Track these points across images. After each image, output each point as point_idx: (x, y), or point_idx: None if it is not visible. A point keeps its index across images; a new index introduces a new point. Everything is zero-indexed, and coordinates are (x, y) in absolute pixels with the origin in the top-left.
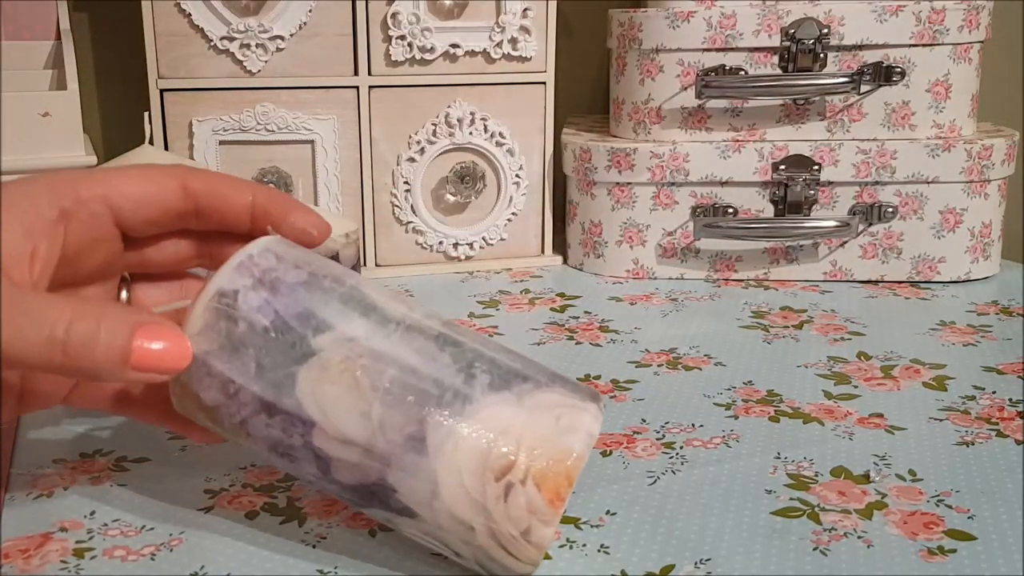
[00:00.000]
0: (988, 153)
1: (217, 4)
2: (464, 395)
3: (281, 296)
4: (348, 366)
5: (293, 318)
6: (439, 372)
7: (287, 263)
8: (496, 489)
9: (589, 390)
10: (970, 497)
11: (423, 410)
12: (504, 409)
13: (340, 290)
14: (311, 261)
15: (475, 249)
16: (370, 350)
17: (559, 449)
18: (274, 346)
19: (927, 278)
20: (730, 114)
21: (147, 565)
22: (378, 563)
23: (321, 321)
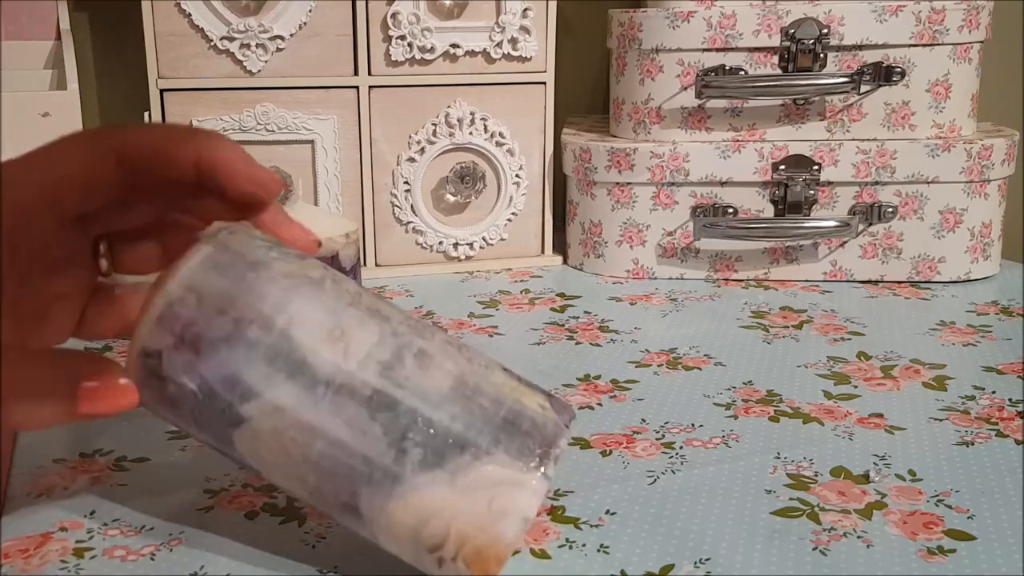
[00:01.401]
0: (988, 153)
1: (217, 4)
2: (394, 475)
3: (204, 358)
4: (278, 437)
5: (218, 383)
6: (368, 448)
7: (210, 307)
8: (431, 558)
9: (542, 440)
10: (970, 497)
11: (354, 485)
12: (435, 491)
13: (267, 342)
14: (237, 298)
15: (475, 249)
16: (297, 422)
17: (490, 536)
18: (205, 408)
19: (927, 278)
20: (730, 114)
21: (147, 565)
22: (378, 563)
23: (247, 388)
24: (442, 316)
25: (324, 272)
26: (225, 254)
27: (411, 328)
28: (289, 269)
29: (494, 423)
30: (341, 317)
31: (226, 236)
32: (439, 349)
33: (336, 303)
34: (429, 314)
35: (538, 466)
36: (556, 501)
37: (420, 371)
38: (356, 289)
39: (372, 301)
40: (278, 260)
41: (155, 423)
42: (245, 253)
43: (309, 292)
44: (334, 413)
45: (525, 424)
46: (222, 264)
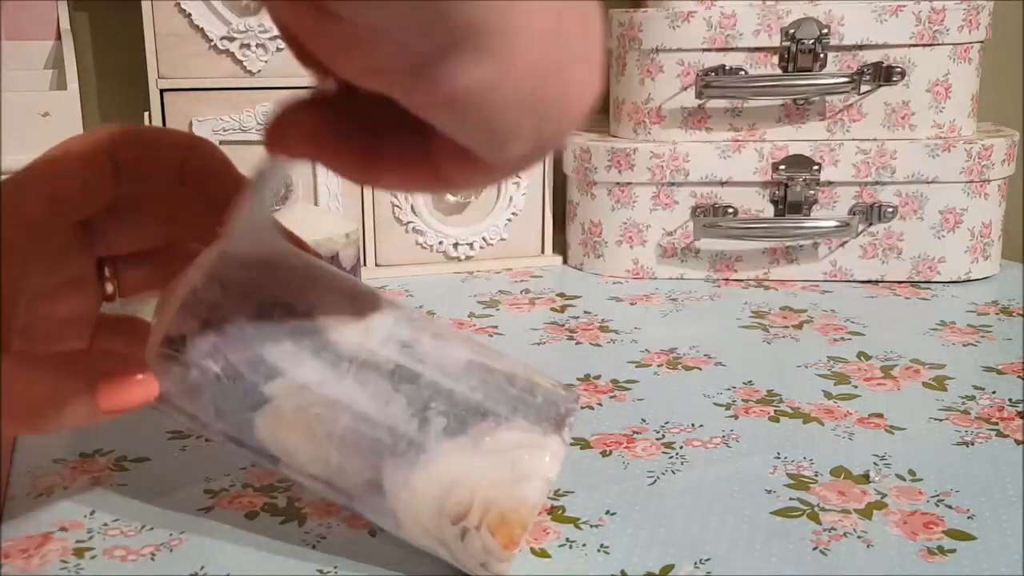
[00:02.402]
0: (988, 153)
1: (217, 4)
2: (418, 444)
3: (229, 340)
4: (302, 415)
5: (243, 364)
6: (393, 419)
7: (234, 293)
8: (453, 531)
9: (556, 411)
10: (970, 497)
11: (378, 459)
12: (459, 457)
13: (291, 322)
14: (260, 282)
15: (475, 249)
16: (322, 398)
17: (514, 499)
18: (228, 392)
19: (927, 278)
20: (730, 114)
21: (147, 565)
22: (378, 563)
23: (271, 367)
24: (442, 316)
25: (337, 268)
26: (244, 245)
27: (423, 317)
28: (306, 262)
29: (510, 394)
30: (360, 302)
31: (243, 231)
32: (451, 332)
33: (353, 291)
34: (429, 314)
35: (556, 430)
36: (556, 501)
37: (438, 349)
38: (365, 285)
39: (383, 297)
40: (294, 255)
41: (155, 423)
42: (265, 246)
43: (328, 281)
44: (358, 387)
45: (539, 396)
46: (243, 256)
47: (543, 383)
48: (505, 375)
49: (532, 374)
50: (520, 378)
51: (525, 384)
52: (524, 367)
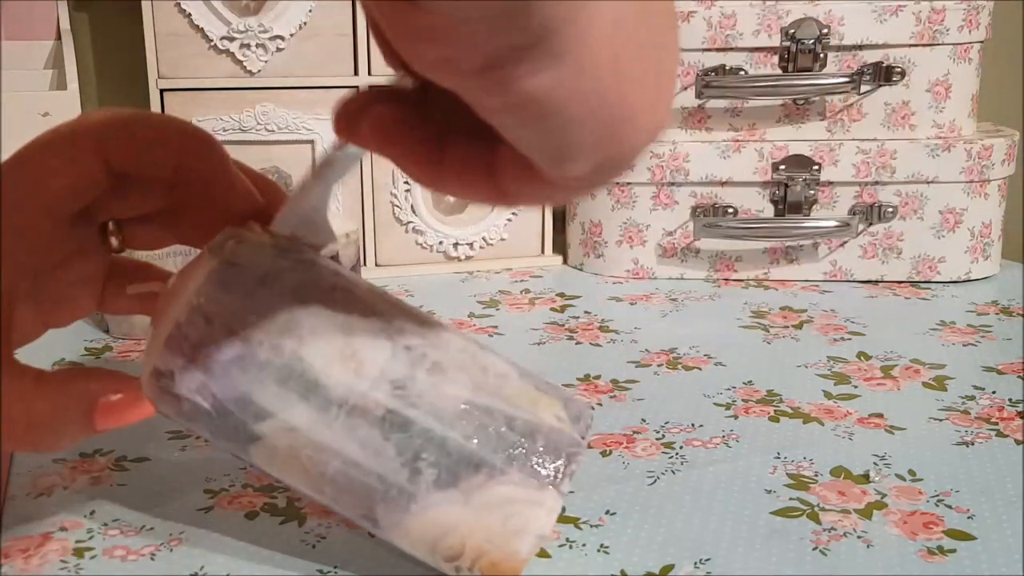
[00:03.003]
0: (988, 153)
1: (217, 4)
2: (409, 493)
3: (216, 378)
4: (293, 454)
5: (231, 403)
6: (382, 468)
7: (218, 328)
8: (448, 566)
9: (556, 460)
10: (970, 497)
11: (370, 501)
12: (450, 509)
13: (278, 363)
14: (245, 318)
15: (475, 249)
16: (311, 442)
17: (505, 552)
18: (220, 425)
19: (927, 278)
20: (730, 114)
21: (147, 565)
22: (378, 563)
23: (260, 408)
24: (442, 316)
25: (335, 279)
26: (231, 269)
27: (424, 338)
28: (299, 280)
29: (508, 440)
30: (352, 334)
31: (233, 248)
32: (453, 360)
33: (347, 317)
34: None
35: (553, 483)
36: None
37: (433, 388)
38: (366, 294)
39: (383, 307)
40: (288, 270)
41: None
42: (253, 266)
43: (318, 309)
44: (347, 434)
45: (540, 442)
46: (229, 280)
47: (547, 419)
48: (505, 417)
49: (538, 405)
50: (521, 419)
51: (526, 427)
52: (531, 396)
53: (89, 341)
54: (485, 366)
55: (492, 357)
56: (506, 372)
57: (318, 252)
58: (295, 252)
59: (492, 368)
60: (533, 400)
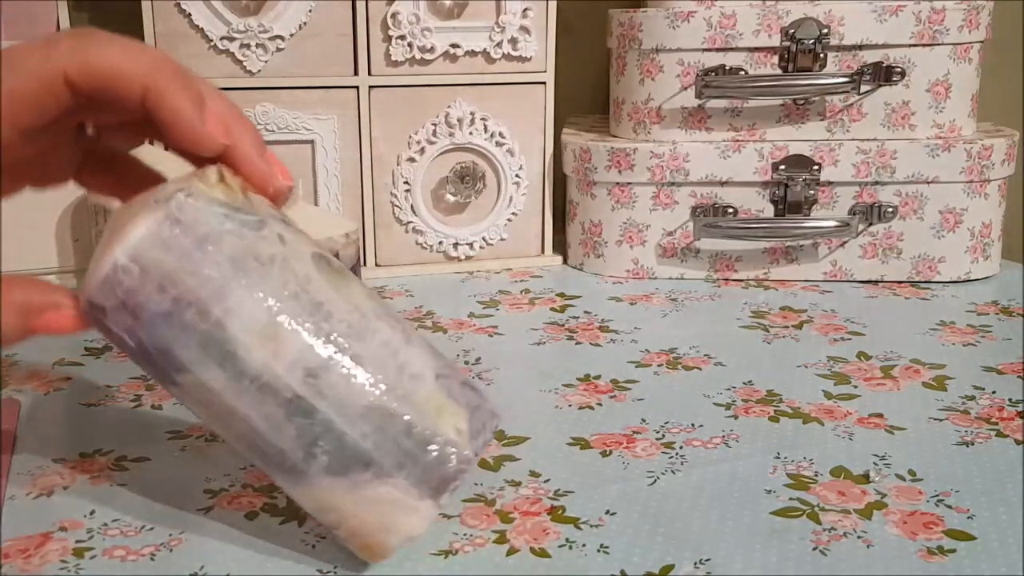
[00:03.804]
0: (988, 153)
1: (217, 4)
2: (300, 471)
3: (143, 326)
4: (207, 406)
5: (155, 350)
6: (282, 443)
7: (151, 282)
8: (328, 528)
9: (442, 474)
10: (970, 497)
11: (267, 466)
12: (335, 493)
13: (202, 328)
14: (178, 278)
15: (475, 249)
16: (223, 403)
17: (376, 540)
18: (144, 363)
19: (927, 278)
20: (730, 114)
21: (147, 565)
22: (378, 563)
23: (180, 363)
24: (442, 316)
25: (276, 249)
26: (175, 227)
27: (351, 328)
28: (238, 248)
29: (402, 447)
30: (279, 313)
31: (181, 201)
32: (372, 356)
33: (279, 292)
34: (429, 314)
35: (433, 495)
36: (556, 501)
37: (344, 382)
38: (306, 271)
39: (319, 289)
40: (230, 234)
41: (155, 423)
42: (196, 225)
43: (251, 281)
44: (255, 405)
45: (432, 454)
46: (169, 238)
47: (446, 431)
48: (405, 424)
49: (442, 415)
50: (419, 428)
51: (422, 437)
52: (438, 403)
53: (89, 341)
54: (403, 365)
55: (415, 352)
56: (421, 373)
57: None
58: (245, 211)
59: (409, 368)
60: (439, 408)
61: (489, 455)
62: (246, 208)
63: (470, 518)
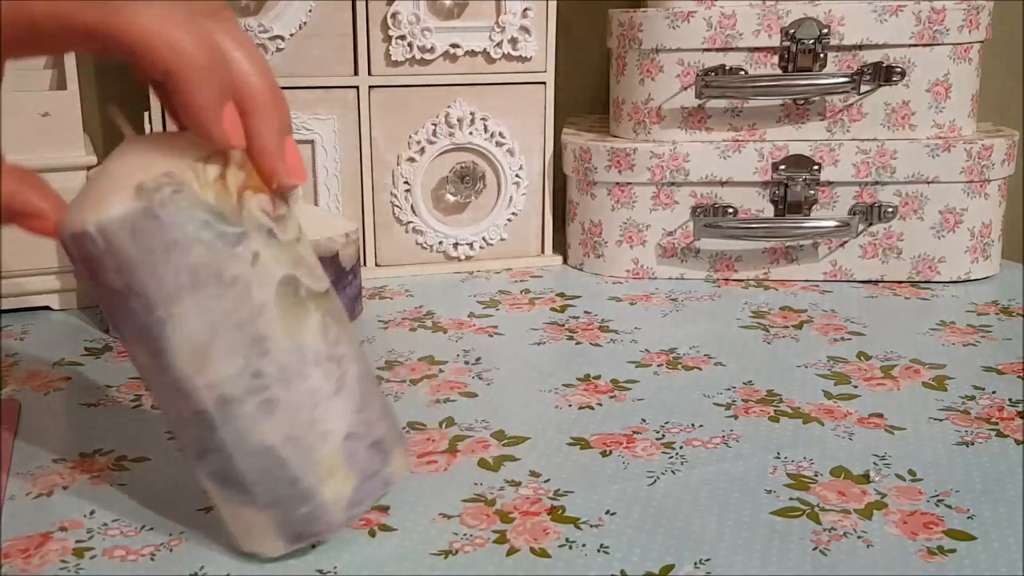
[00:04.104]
0: (988, 153)
1: None
2: (192, 462)
3: (96, 287)
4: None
5: (103, 308)
6: (182, 434)
7: (112, 260)
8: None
9: (305, 530)
10: (970, 497)
11: (179, 443)
12: (212, 491)
13: (141, 320)
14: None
15: (475, 249)
16: (149, 378)
17: (237, 537)
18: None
19: (927, 278)
20: (730, 114)
21: (147, 565)
22: (378, 563)
23: (120, 333)
24: (442, 316)
25: (242, 271)
26: (150, 220)
27: (282, 371)
28: (204, 261)
29: (279, 494)
30: (218, 337)
31: (163, 198)
32: (290, 403)
33: (226, 318)
34: (429, 314)
35: (290, 540)
36: (556, 501)
37: (251, 421)
38: (263, 300)
39: (268, 322)
40: (201, 244)
41: (155, 423)
42: (171, 227)
43: (205, 297)
44: (169, 398)
45: (304, 508)
46: (140, 230)
47: (327, 494)
48: (291, 477)
49: (331, 478)
50: (304, 485)
51: (304, 493)
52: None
53: (89, 341)
54: (315, 420)
55: (337, 407)
56: (330, 432)
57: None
58: (230, 220)
59: (320, 424)
60: (331, 470)
61: (489, 455)
62: (232, 217)
63: (470, 518)
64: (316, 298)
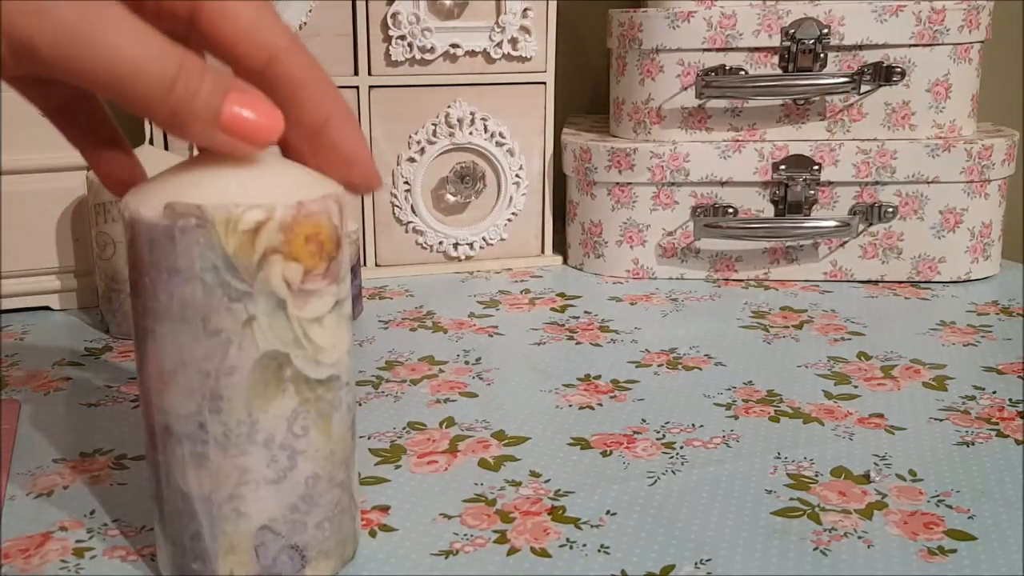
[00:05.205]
0: (988, 153)
1: None
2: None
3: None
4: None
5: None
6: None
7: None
8: None
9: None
10: (970, 497)
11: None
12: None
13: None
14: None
15: (475, 249)
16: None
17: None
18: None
19: (927, 278)
20: (730, 114)
21: (147, 565)
22: (378, 563)
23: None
24: (442, 316)
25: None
26: (166, 240)
27: (224, 435)
28: (196, 301)
29: (183, 540)
30: (182, 374)
31: (187, 227)
32: (218, 469)
33: (195, 362)
34: (429, 314)
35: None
36: (556, 501)
37: (182, 463)
38: (237, 364)
39: (231, 386)
40: (201, 284)
41: None
42: (181, 255)
43: (185, 332)
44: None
45: (196, 565)
46: (156, 242)
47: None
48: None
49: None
50: (203, 545)
51: (199, 554)
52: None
53: (89, 341)
54: (234, 496)
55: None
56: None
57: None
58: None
59: (238, 503)
60: (232, 548)
61: (489, 455)
62: (245, 273)
63: (470, 518)
64: (304, 384)
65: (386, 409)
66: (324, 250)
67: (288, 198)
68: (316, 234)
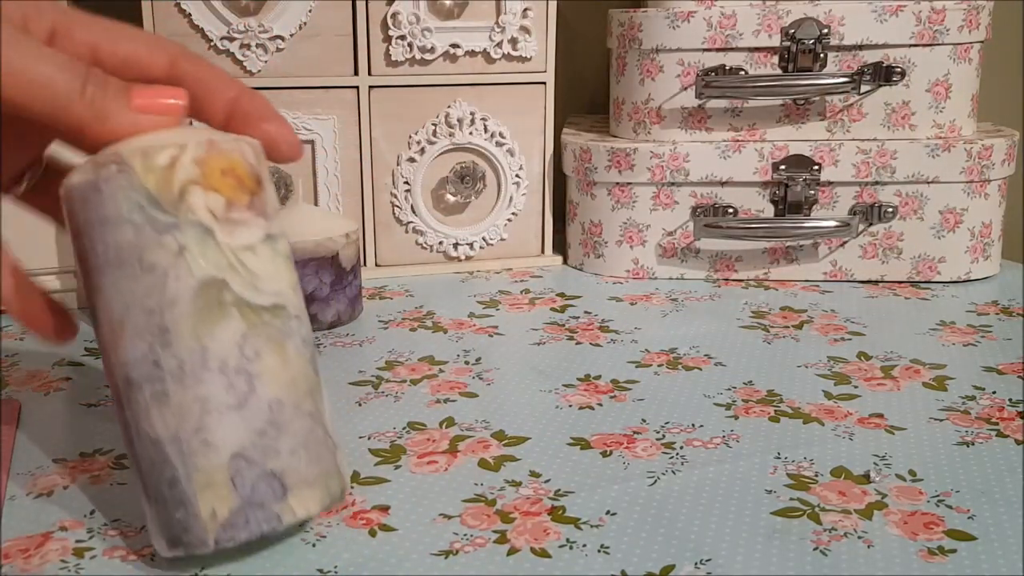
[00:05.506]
0: (988, 153)
1: (217, 4)
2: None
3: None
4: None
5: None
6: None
7: (70, 221)
8: None
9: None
10: (970, 497)
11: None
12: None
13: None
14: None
15: (475, 249)
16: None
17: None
18: None
19: (927, 278)
20: (730, 114)
21: (147, 565)
22: (378, 563)
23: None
24: (442, 316)
25: (163, 260)
26: (93, 194)
27: (178, 367)
28: (128, 243)
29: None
30: (129, 318)
31: (108, 174)
32: (180, 403)
33: (137, 302)
34: (429, 314)
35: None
36: (556, 501)
37: (146, 409)
38: (177, 294)
39: (176, 318)
40: (130, 225)
41: None
42: (107, 202)
43: (123, 276)
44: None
45: (179, 513)
46: (86, 201)
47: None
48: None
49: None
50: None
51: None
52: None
53: (89, 341)
54: (201, 427)
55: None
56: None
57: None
58: (164, 208)
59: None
60: (208, 483)
61: (489, 455)
62: (168, 206)
63: (470, 518)
64: (248, 309)
65: (386, 409)
66: (244, 185)
67: (200, 139)
68: (232, 168)
